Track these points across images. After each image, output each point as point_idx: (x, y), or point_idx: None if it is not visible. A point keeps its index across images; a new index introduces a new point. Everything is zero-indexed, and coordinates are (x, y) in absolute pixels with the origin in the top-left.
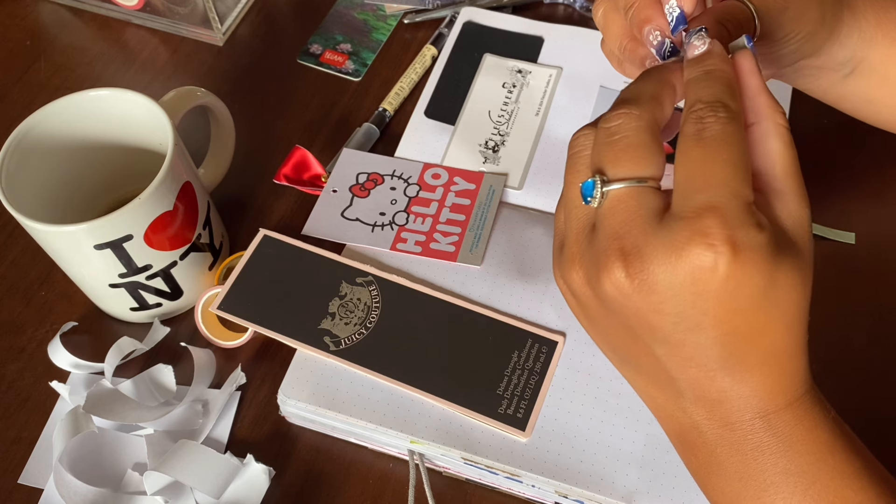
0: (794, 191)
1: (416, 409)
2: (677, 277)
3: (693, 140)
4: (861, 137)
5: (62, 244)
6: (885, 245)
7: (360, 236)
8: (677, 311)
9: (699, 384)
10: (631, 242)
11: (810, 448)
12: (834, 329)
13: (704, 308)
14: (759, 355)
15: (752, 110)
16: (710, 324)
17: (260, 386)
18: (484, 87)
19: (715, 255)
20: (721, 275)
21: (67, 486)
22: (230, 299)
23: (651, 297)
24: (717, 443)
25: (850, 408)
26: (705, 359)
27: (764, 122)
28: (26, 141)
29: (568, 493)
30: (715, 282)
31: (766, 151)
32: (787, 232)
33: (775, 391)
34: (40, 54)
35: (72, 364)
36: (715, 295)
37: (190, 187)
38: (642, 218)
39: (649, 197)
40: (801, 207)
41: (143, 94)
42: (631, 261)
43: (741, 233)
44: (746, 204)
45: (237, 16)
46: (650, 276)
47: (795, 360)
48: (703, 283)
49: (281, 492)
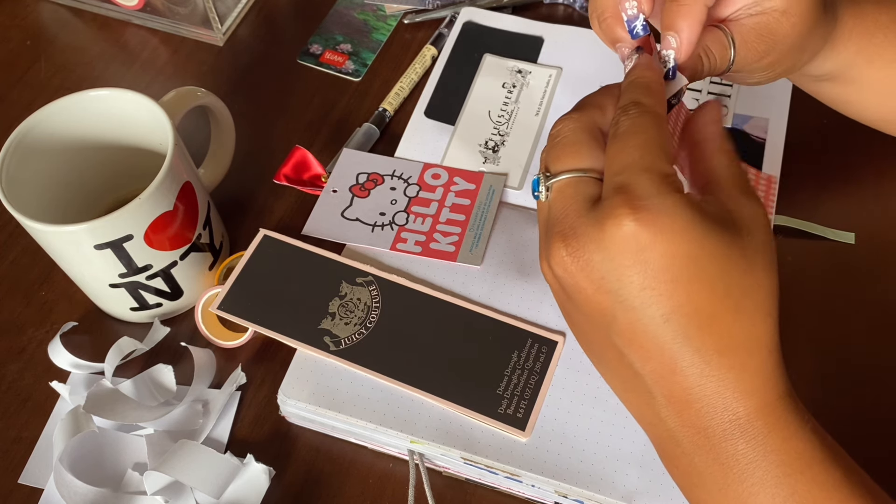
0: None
1: (416, 409)
2: (607, 252)
3: (610, 139)
4: (861, 137)
5: (62, 244)
6: (885, 245)
7: (360, 236)
8: (617, 288)
9: (663, 380)
10: (569, 225)
11: (786, 459)
12: (834, 329)
13: (639, 281)
14: (715, 342)
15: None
16: (649, 298)
17: (260, 386)
18: (484, 87)
19: (628, 224)
20: (641, 241)
21: (67, 485)
22: (230, 299)
23: (592, 275)
24: (694, 452)
25: (849, 408)
26: (659, 344)
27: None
28: (26, 141)
29: (568, 493)
30: (636, 249)
31: (712, 165)
32: (736, 219)
33: (741, 390)
34: (40, 54)
35: (72, 364)
36: (641, 262)
37: (190, 187)
38: (578, 203)
39: (586, 185)
40: (748, 205)
41: (143, 94)
42: (569, 241)
43: (654, 200)
44: (660, 176)
45: (237, 16)
46: (586, 253)
47: (758, 358)
48: (627, 253)
49: (281, 492)
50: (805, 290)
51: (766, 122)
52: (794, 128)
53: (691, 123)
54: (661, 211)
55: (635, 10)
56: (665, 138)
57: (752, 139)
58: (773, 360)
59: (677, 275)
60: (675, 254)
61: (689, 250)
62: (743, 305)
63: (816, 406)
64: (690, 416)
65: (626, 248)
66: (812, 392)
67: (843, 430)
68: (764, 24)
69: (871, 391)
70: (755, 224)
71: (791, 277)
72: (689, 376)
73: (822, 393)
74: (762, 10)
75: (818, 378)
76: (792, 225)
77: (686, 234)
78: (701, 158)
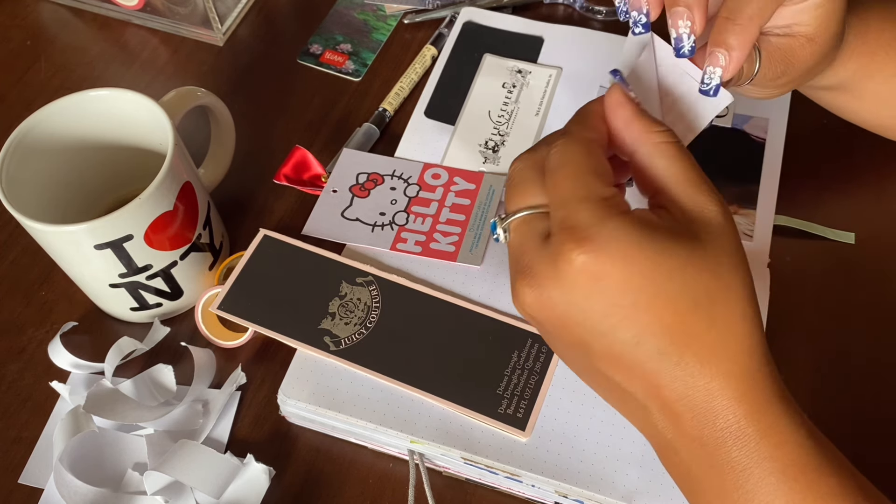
0: (689, 195)
1: (416, 409)
2: (564, 287)
3: (545, 175)
4: (861, 138)
5: (62, 244)
6: (885, 245)
7: (360, 236)
8: (582, 319)
9: (652, 395)
10: (526, 263)
11: (779, 466)
12: (834, 329)
13: (601, 309)
14: (694, 353)
15: (625, 141)
16: (616, 323)
17: (260, 386)
18: (484, 87)
19: (577, 258)
20: (593, 272)
21: (68, 485)
22: (230, 299)
23: (557, 310)
24: (692, 460)
25: (849, 407)
26: (639, 364)
27: (642, 147)
28: (26, 141)
29: (568, 493)
30: (591, 280)
31: (654, 173)
32: (692, 225)
33: (729, 396)
34: (40, 54)
35: (72, 364)
36: (599, 292)
37: (190, 187)
38: (532, 240)
39: (538, 221)
40: (704, 207)
41: (143, 94)
42: (529, 280)
43: (596, 229)
44: (597, 202)
45: (237, 16)
46: (546, 290)
47: (742, 362)
48: (583, 286)
49: (281, 492)
50: (805, 290)
51: (766, 123)
52: (794, 128)
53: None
54: (605, 238)
55: (688, 30)
56: (597, 161)
57: (752, 139)
58: (759, 361)
59: (636, 298)
60: (628, 278)
61: (643, 270)
62: (715, 313)
63: (816, 406)
64: (684, 425)
65: (581, 282)
66: (812, 392)
67: (843, 430)
68: (788, 47)
69: (872, 391)
70: (714, 225)
71: (791, 277)
72: (675, 389)
73: (822, 392)
74: (791, 33)
75: (818, 378)
76: (792, 225)
77: (636, 255)
78: (639, 168)
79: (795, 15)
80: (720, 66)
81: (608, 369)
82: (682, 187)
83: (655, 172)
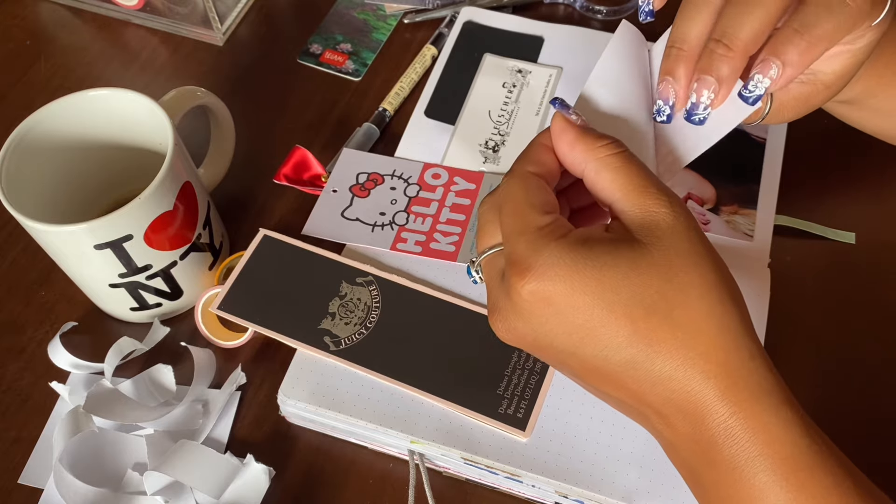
0: (636, 201)
1: (416, 409)
2: (523, 317)
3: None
4: (861, 138)
5: (62, 244)
6: (885, 245)
7: (360, 236)
8: (550, 342)
9: (642, 401)
10: (493, 299)
11: (769, 464)
12: (834, 329)
13: (563, 330)
14: (665, 359)
15: (574, 163)
16: (579, 341)
17: (260, 386)
18: (484, 86)
19: (524, 289)
20: (543, 298)
21: (67, 486)
22: (230, 299)
23: (526, 339)
24: (691, 458)
25: (850, 407)
26: (616, 375)
27: (589, 164)
28: (26, 141)
29: (568, 493)
30: (543, 306)
31: (602, 186)
32: (639, 231)
33: (713, 395)
34: (40, 54)
35: (72, 364)
36: (554, 315)
37: (190, 187)
38: (495, 277)
39: (499, 259)
40: (651, 210)
41: (143, 94)
42: (497, 315)
43: (533, 258)
44: (534, 232)
45: (237, 16)
46: (511, 322)
47: (716, 360)
48: (538, 313)
49: (281, 492)
50: (805, 290)
51: None
52: (794, 128)
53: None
54: (543, 266)
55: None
56: (534, 193)
57: (752, 139)
58: (740, 357)
59: (588, 315)
60: (574, 298)
61: (586, 289)
62: (675, 315)
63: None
64: (677, 427)
65: (535, 309)
66: (812, 391)
67: (843, 430)
68: (805, 94)
69: (872, 391)
70: (662, 227)
71: (791, 277)
72: (658, 394)
73: (823, 392)
74: (810, 81)
75: (818, 377)
76: (792, 225)
77: (574, 276)
78: (591, 185)
79: (823, 62)
80: (770, 78)
81: (594, 382)
82: (629, 195)
83: (603, 185)
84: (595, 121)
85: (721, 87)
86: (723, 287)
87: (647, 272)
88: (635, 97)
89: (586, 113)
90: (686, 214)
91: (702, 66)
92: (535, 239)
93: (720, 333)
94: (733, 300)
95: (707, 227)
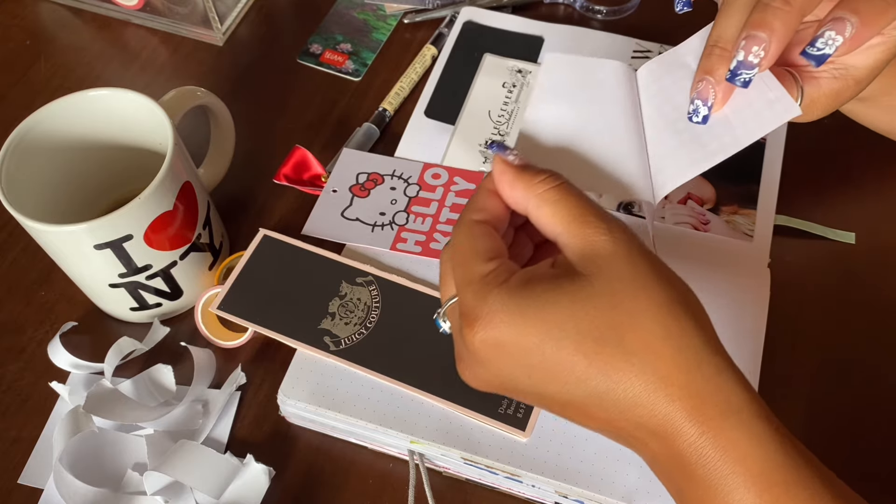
0: (576, 232)
1: (416, 409)
2: (482, 365)
3: None
4: (861, 137)
5: (62, 244)
6: (885, 245)
7: (360, 236)
8: (514, 385)
9: (617, 427)
10: (457, 348)
11: (742, 481)
12: (834, 329)
13: (522, 372)
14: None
15: (517, 203)
16: (539, 381)
17: (260, 386)
18: (484, 86)
19: (476, 338)
20: (495, 344)
21: (67, 486)
22: (230, 299)
23: (492, 383)
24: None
25: (849, 407)
26: (585, 407)
27: (530, 202)
28: (26, 141)
29: (568, 493)
30: (497, 352)
31: (545, 221)
32: (580, 264)
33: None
34: (40, 54)
35: (72, 364)
36: (508, 357)
37: (190, 187)
38: (457, 328)
39: (457, 308)
40: (591, 240)
41: (143, 94)
42: (462, 363)
43: (479, 307)
44: (478, 282)
45: (237, 16)
46: (474, 370)
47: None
48: (494, 359)
49: (281, 492)
50: (805, 290)
51: None
52: (794, 128)
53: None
54: (488, 314)
55: (757, 60)
56: (477, 240)
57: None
58: (703, 376)
59: (541, 356)
60: (523, 341)
61: (531, 331)
62: (627, 342)
63: (817, 405)
64: (653, 449)
65: (491, 357)
66: (812, 391)
67: (843, 430)
68: (836, 89)
69: (872, 391)
70: (603, 255)
71: (791, 277)
72: (629, 420)
73: (822, 392)
74: (842, 76)
75: (818, 377)
76: (792, 225)
77: (518, 320)
78: (535, 222)
79: (855, 55)
80: (843, 36)
81: (569, 416)
82: (569, 227)
83: (546, 220)
84: (538, 154)
85: (772, 44)
86: (677, 305)
87: (590, 303)
88: (584, 122)
89: (529, 149)
90: (626, 238)
91: (753, 21)
92: (480, 287)
93: (679, 353)
94: (691, 316)
95: (707, 227)
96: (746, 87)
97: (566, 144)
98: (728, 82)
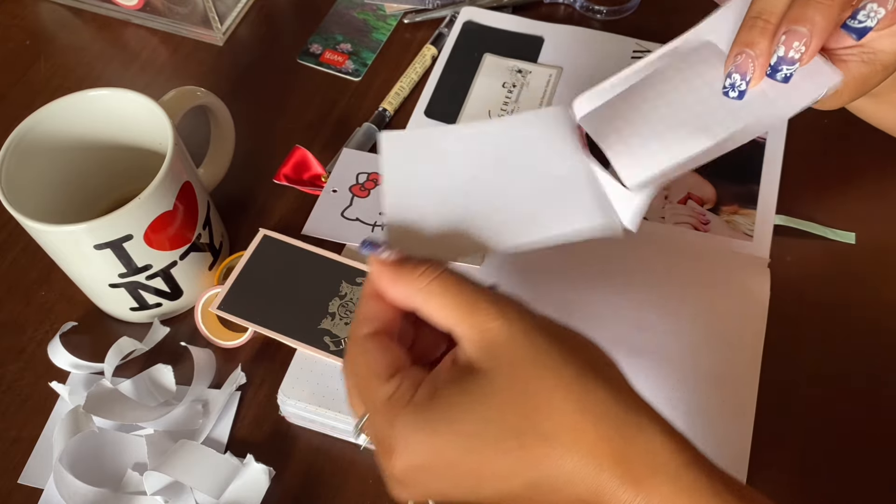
0: (468, 322)
1: None
2: (410, 486)
3: None
4: (861, 137)
5: (62, 244)
6: (885, 245)
7: (361, 236)
8: (450, 499)
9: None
10: (382, 468)
11: None
12: (834, 329)
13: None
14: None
15: (403, 301)
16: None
17: (260, 386)
18: (484, 86)
19: (393, 465)
20: (413, 468)
21: (67, 486)
22: (230, 299)
23: (429, 496)
24: None
25: (849, 408)
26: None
27: (415, 298)
28: (26, 141)
29: None
30: (416, 472)
31: (436, 316)
32: (470, 369)
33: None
34: (40, 54)
35: (72, 364)
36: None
37: (190, 187)
38: (377, 452)
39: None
40: (483, 328)
41: (143, 94)
42: (389, 484)
43: (389, 434)
44: (383, 408)
45: (237, 16)
46: (403, 492)
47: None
48: (420, 481)
49: (281, 492)
50: (805, 290)
51: None
52: (794, 128)
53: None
54: (400, 440)
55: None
56: (373, 357)
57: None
58: (624, 437)
59: (466, 467)
60: (440, 459)
61: (446, 446)
62: (546, 429)
63: (817, 406)
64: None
65: (416, 479)
66: (812, 392)
67: (843, 430)
68: (864, 75)
69: (872, 391)
70: (499, 343)
71: (791, 277)
72: (567, 498)
73: (822, 393)
74: (871, 61)
75: (818, 378)
76: (792, 225)
77: (435, 438)
78: (426, 318)
79: (884, 39)
80: (885, 8)
81: None
82: (462, 318)
83: (436, 315)
84: (412, 241)
85: (813, 39)
86: (584, 375)
87: (499, 400)
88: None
89: (401, 238)
90: (520, 317)
91: (792, 16)
92: (386, 412)
93: (599, 423)
94: (602, 382)
95: (707, 227)
96: (787, 83)
97: (435, 220)
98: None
